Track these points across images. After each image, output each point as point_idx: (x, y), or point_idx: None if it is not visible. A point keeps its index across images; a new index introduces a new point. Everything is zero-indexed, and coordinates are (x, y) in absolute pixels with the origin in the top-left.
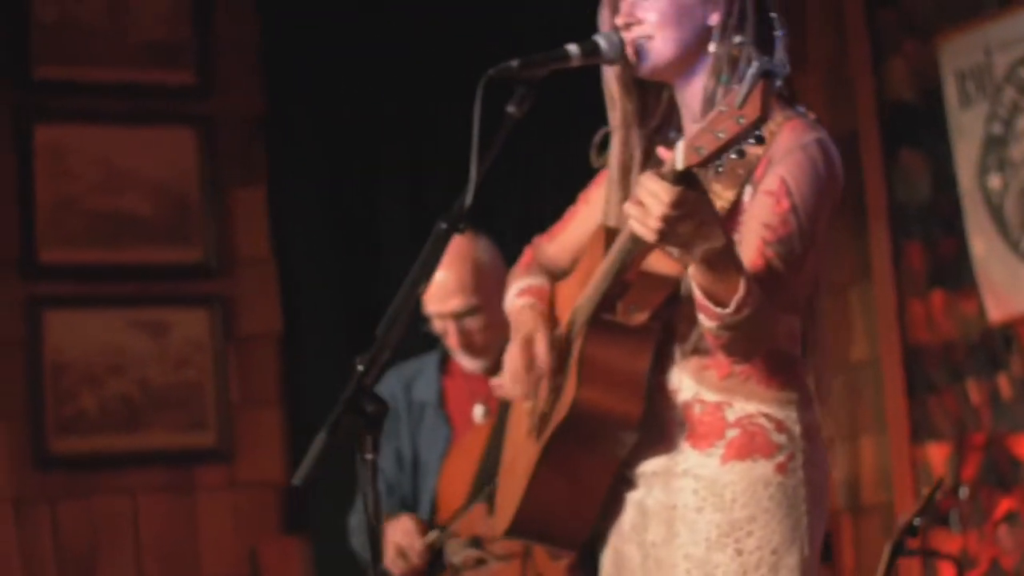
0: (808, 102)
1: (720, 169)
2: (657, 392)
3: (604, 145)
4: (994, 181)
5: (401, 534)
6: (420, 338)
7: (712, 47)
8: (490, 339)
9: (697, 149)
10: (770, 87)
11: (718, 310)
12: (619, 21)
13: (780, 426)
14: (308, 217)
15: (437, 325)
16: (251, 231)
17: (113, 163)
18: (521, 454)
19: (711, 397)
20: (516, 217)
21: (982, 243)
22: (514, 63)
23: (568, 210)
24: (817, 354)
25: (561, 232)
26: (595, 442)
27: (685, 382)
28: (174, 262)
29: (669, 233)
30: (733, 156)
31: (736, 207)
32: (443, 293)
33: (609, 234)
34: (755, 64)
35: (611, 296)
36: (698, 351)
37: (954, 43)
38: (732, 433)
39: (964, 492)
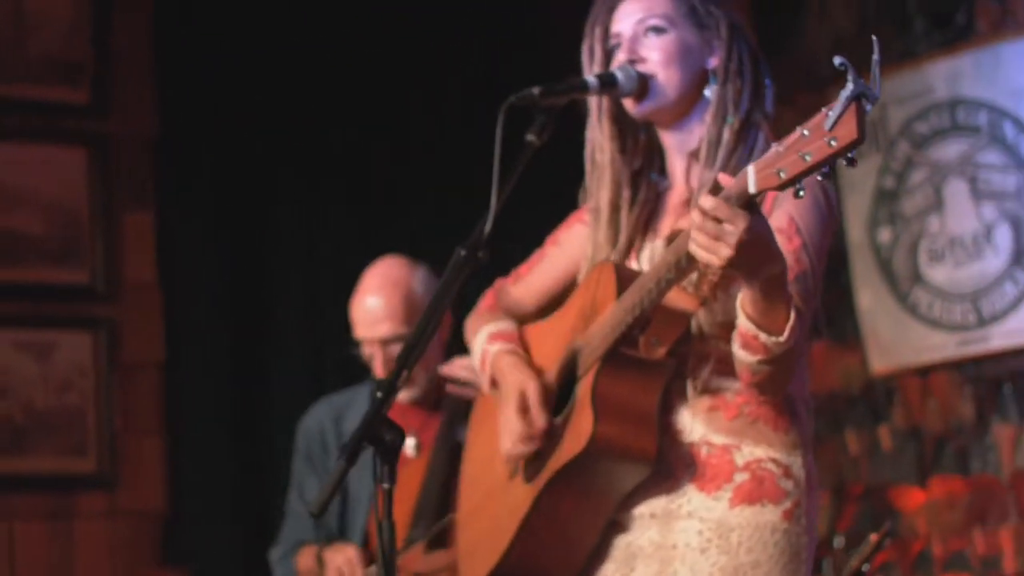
0: None
1: (801, 194)
2: (664, 432)
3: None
4: (884, 235)
5: (344, 560)
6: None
7: (711, 90)
8: (415, 371)
9: (777, 172)
10: (863, 109)
11: (771, 340)
12: (621, 57)
13: (787, 472)
14: (197, 244)
15: (365, 351)
16: (139, 256)
17: (5, 180)
18: (500, 498)
19: (719, 439)
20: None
21: (869, 296)
22: (535, 90)
23: (534, 252)
24: (805, 396)
25: (528, 274)
26: (604, 479)
27: (693, 423)
28: (62, 283)
29: (738, 260)
30: (819, 177)
31: None
32: (373, 318)
33: (620, 270)
34: (850, 85)
35: (634, 330)
36: (708, 390)
37: None
38: (741, 477)
39: (839, 542)
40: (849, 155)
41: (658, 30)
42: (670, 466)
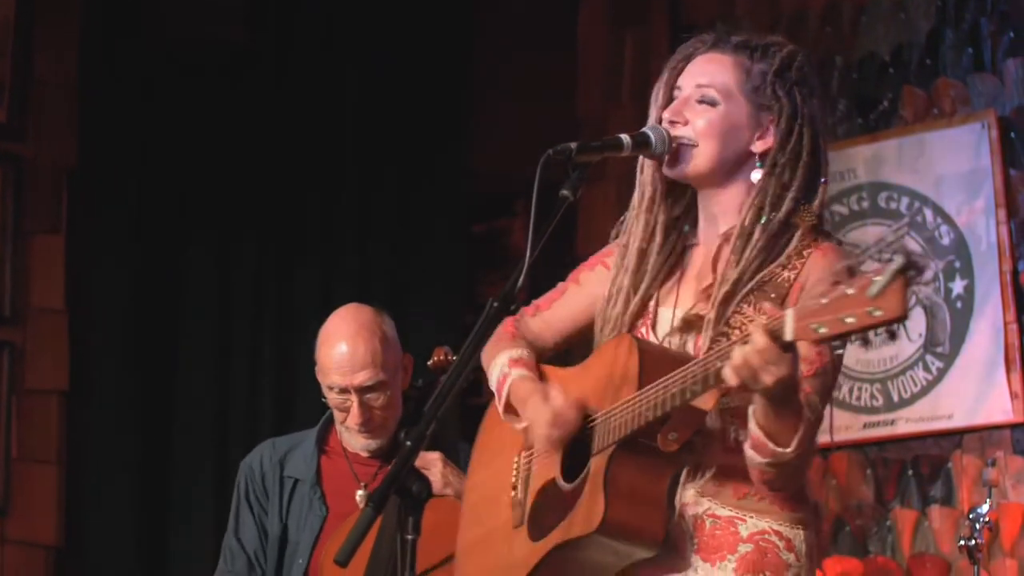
0: (600, 212)
1: (839, 351)
2: (670, 507)
3: None
4: None
5: None
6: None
7: (756, 175)
8: (387, 417)
9: (815, 327)
10: (911, 282)
11: (778, 450)
12: (666, 114)
13: (789, 545)
14: (107, 272)
15: (335, 398)
16: (47, 280)
17: None
18: (503, 545)
19: (724, 512)
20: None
21: None
22: (572, 145)
23: (558, 285)
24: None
25: (547, 309)
26: (609, 556)
27: (699, 498)
28: None
29: (769, 392)
30: (856, 341)
31: None
32: (352, 365)
33: (644, 354)
34: (898, 257)
35: (653, 425)
36: (716, 475)
37: None
38: (745, 548)
39: None
40: (892, 328)
41: (711, 102)
42: (674, 539)
